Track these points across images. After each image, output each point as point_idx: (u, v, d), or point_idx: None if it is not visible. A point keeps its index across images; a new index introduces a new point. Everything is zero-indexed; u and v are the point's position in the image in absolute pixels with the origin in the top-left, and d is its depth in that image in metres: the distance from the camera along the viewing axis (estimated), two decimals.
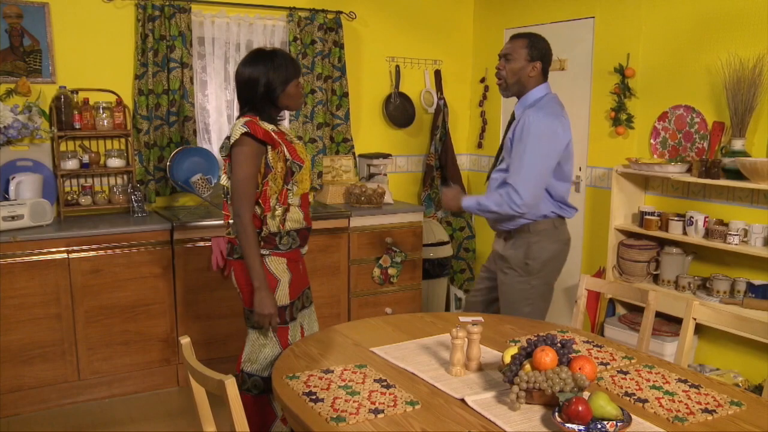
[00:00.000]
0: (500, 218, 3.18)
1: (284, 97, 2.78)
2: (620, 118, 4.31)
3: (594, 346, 2.49)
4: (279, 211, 2.75)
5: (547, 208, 3.15)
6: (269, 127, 2.74)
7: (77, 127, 4.10)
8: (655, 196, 4.22)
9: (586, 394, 1.90)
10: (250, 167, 2.66)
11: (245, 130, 2.63)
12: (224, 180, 2.80)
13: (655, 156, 4.19)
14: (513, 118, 3.19)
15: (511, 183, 3.02)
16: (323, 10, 4.81)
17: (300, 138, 4.77)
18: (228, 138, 2.71)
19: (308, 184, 2.88)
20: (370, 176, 5.06)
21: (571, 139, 3.11)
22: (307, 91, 4.78)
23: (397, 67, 5.26)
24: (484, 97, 5.46)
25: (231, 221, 2.79)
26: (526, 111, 3.07)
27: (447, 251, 5.16)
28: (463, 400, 1.98)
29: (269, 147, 2.70)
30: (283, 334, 2.85)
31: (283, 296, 2.80)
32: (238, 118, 2.79)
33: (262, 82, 2.73)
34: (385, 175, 5.08)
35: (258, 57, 2.78)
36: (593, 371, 1.96)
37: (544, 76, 3.15)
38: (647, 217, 4.01)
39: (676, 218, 3.91)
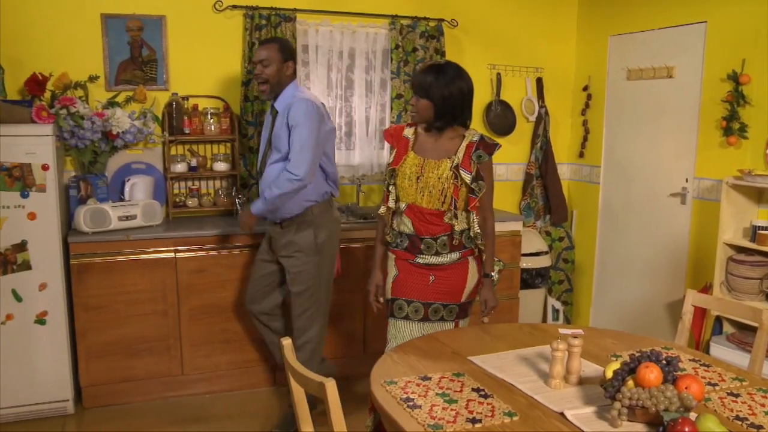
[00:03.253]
0: (286, 206, 3.45)
1: None
2: (732, 128, 4.11)
3: (701, 365, 2.39)
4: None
5: (323, 187, 3.54)
6: None
7: (186, 132, 4.30)
8: None
9: (692, 415, 1.82)
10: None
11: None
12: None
13: None
14: (273, 115, 3.52)
15: (289, 162, 3.32)
16: (425, 18, 4.83)
17: None
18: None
19: None
20: None
21: (333, 128, 3.58)
22: (408, 99, 4.81)
23: (498, 74, 5.22)
24: (587, 105, 5.34)
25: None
26: (291, 103, 3.39)
27: (545, 261, 5.07)
28: (562, 414, 1.94)
29: None
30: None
31: (387, 290, 2.99)
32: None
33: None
34: None
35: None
36: (701, 391, 1.89)
37: (295, 74, 3.57)
38: (761, 231, 3.81)
39: None
